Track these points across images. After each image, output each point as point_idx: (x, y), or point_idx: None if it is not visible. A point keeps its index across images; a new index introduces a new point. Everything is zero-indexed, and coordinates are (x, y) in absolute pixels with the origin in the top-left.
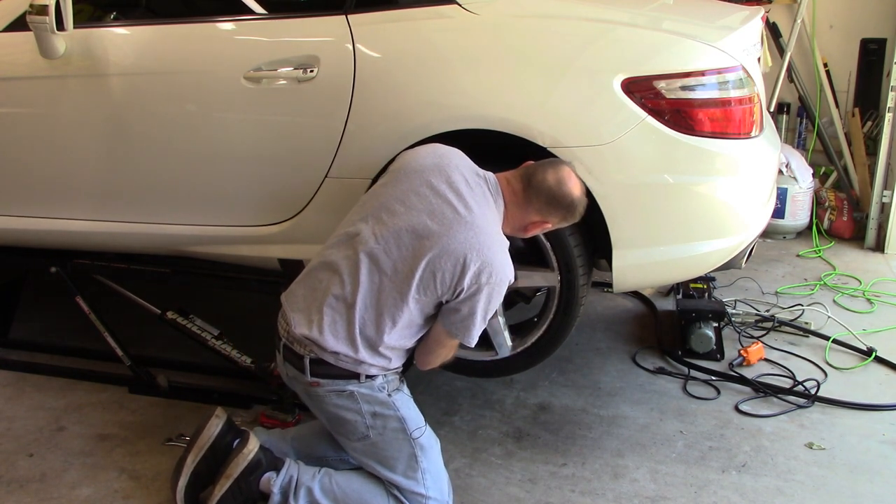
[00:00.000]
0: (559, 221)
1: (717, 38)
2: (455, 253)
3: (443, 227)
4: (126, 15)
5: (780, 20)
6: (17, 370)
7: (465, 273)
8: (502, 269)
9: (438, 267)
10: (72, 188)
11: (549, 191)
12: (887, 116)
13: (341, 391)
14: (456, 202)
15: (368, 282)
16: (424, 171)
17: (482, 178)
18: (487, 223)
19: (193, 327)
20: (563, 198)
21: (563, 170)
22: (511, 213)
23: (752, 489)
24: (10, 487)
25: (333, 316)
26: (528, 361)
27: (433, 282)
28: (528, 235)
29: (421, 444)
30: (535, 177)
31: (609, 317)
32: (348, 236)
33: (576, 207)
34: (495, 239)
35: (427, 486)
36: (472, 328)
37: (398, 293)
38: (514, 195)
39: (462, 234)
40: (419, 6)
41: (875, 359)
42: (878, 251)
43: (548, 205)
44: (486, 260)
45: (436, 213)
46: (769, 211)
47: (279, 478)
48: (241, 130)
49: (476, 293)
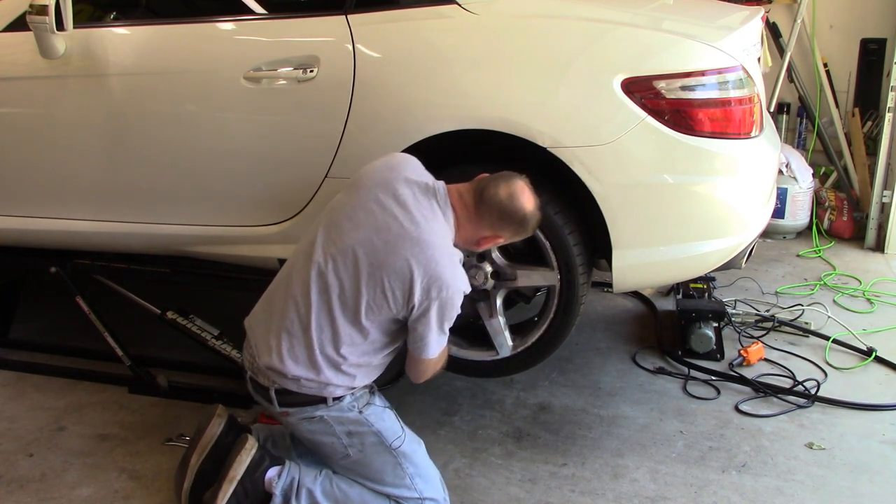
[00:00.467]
0: (511, 236)
1: (717, 38)
2: (402, 270)
3: (389, 243)
4: (126, 15)
5: (780, 20)
6: (17, 370)
7: (414, 289)
8: (453, 283)
9: (387, 286)
10: (72, 188)
11: (500, 205)
12: (887, 116)
13: (311, 417)
14: (402, 217)
15: (320, 301)
16: (373, 185)
17: (432, 189)
18: (435, 237)
19: (193, 327)
20: (515, 213)
21: (515, 184)
22: (463, 227)
23: (752, 489)
24: (10, 487)
25: (291, 341)
26: (529, 361)
27: (385, 301)
28: (481, 249)
29: (403, 452)
30: (487, 191)
31: (609, 317)
32: (304, 254)
33: (528, 222)
34: (443, 252)
35: (420, 489)
36: (429, 344)
37: (351, 313)
38: (466, 209)
39: (408, 250)
40: (419, 6)
41: (875, 359)
42: (878, 251)
43: (500, 219)
44: (433, 274)
45: (381, 228)
46: (769, 211)
47: (280, 480)
48: (241, 130)
49: (428, 308)
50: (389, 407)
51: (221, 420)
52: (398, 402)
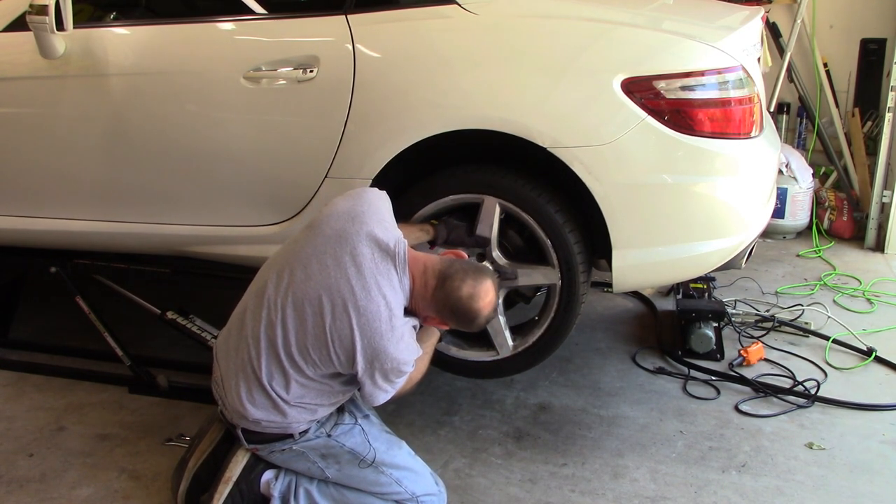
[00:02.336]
0: (456, 327)
1: (717, 38)
2: (346, 337)
3: (337, 307)
4: (126, 15)
5: (780, 20)
6: (17, 370)
7: (356, 358)
8: (396, 356)
9: (332, 348)
10: (72, 188)
11: (457, 302)
12: (887, 116)
13: (282, 450)
14: (355, 281)
15: (269, 350)
16: (333, 235)
17: (392, 253)
18: (383, 308)
19: (193, 327)
20: (468, 314)
21: (482, 286)
22: (416, 303)
23: (752, 489)
24: (10, 487)
25: (248, 384)
26: (529, 361)
27: (330, 360)
28: (425, 324)
29: (381, 462)
30: (451, 282)
31: (609, 317)
32: (257, 294)
33: (478, 323)
34: (389, 325)
35: (410, 489)
36: (378, 398)
37: (299, 365)
38: (425, 287)
39: (354, 319)
40: (419, 6)
41: (875, 359)
42: (878, 251)
43: (452, 314)
44: (377, 348)
45: (333, 289)
46: (769, 211)
47: (278, 482)
48: (241, 130)
49: (372, 375)
50: (356, 421)
51: (222, 426)
52: (398, 403)
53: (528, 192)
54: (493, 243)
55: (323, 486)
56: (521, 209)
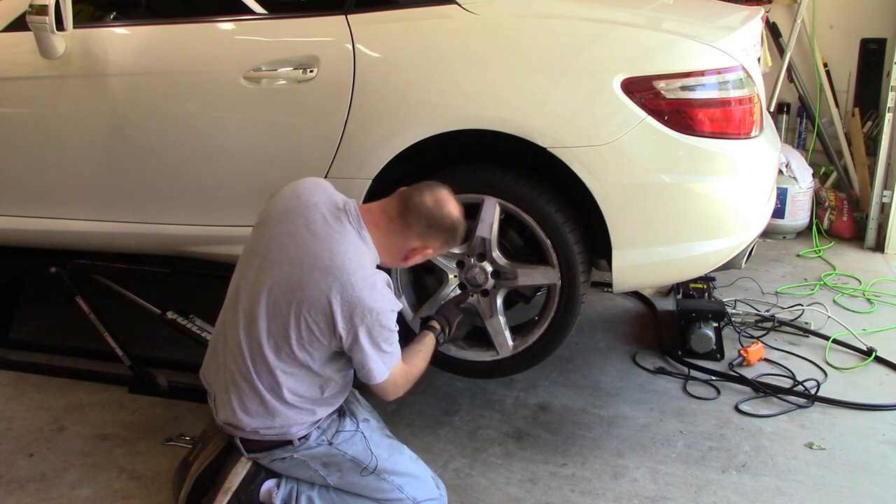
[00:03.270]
0: (440, 247)
1: (717, 38)
2: (320, 302)
3: (304, 276)
4: (126, 15)
5: (780, 20)
6: (17, 370)
7: (336, 319)
8: (374, 305)
9: (311, 320)
10: (72, 188)
11: (428, 213)
12: (887, 116)
13: (283, 458)
14: (314, 246)
15: (251, 349)
16: (281, 217)
17: (343, 209)
18: (349, 261)
19: (193, 327)
20: (444, 219)
21: (440, 192)
22: (389, 242)
23: (752, 489)
24: (10, 487)
25: (239, 393)
26: (529, 361)
27: (313, 336)
28: (409, 265)
29: (383, 469)
30: (413, 200)
31: (609, 317)
32: (231, 305)
33: (456, 229)
34: (360, 276)
35: (412, 495)
36: (372, 370)
37: (286, 354)
38: (391, 222)
39: (323, 281)
40: (419, 6)
41: (875, 359)
42: (878, 251)
43: (428, 228)
44: (352, 301)
45: (294, 261)
46: (769, 211)
47: (280, 490)
48: (241, 130)
49: (357, 336)
50: (357, 428)
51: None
52: (398, 403)
53: (528, 192)
54: (493, 243)
55: (324, 491)
56: (520, 209)
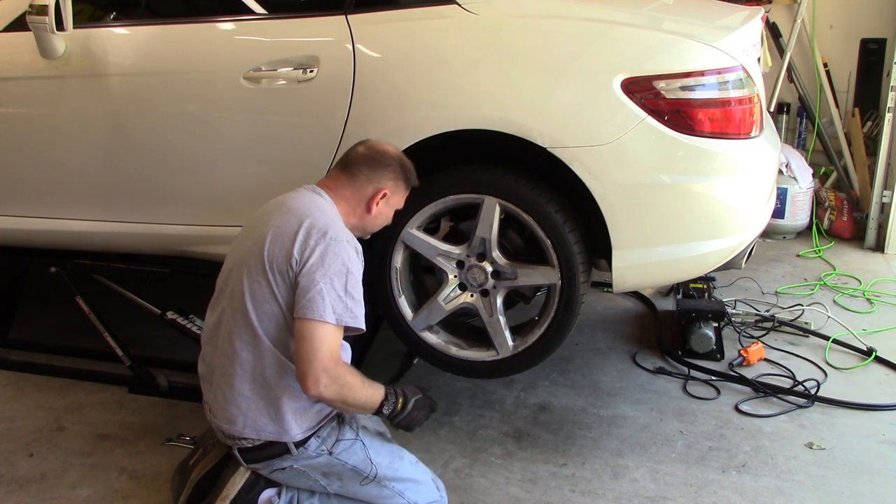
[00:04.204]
0: (394, 186)
1: (717, 38)
2: (286, 235)
3: (275, 231)
4: (126, 15)
5: (780, 20)
6: (17, 370)
7: (295, 242)
8: (333, 228)
9: (277, 269)
10: (72, 188)
11: (366, 156)
12: (887, 116)
13: (282, 468)
14: (287, 214)
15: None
16: (258, 216)
17: (300, 190)
18: (315, 210)
19: (193, 327)
20: (384, 155)
21: (371, 140)
22: (344, 198)
23: (752, 489)
24: (10, 487)
25: (230, 387)
26: (529, 361)
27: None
28: (374, 215)
29: (384, 476)
30: (348, 155)
31: (609, 317)
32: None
33: (401, 163)
34: (321, 212)
35: (413, 499)
36: (314, 300)
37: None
38: (338, 181)
39: (291, 224)
40: (419, 6)
41: (875, 359)
42: (878, 251)
43: (371, 170)
44: (312, 224)
45: (267, 229)
46: (769, 211)
47: (281, 499)
48: (241, 130)
49: (309, 257)
50: (357, 436)
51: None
52: None
53: (528, 192)
54: (493, 243)
55: (325, 499)
56: (520, 209)
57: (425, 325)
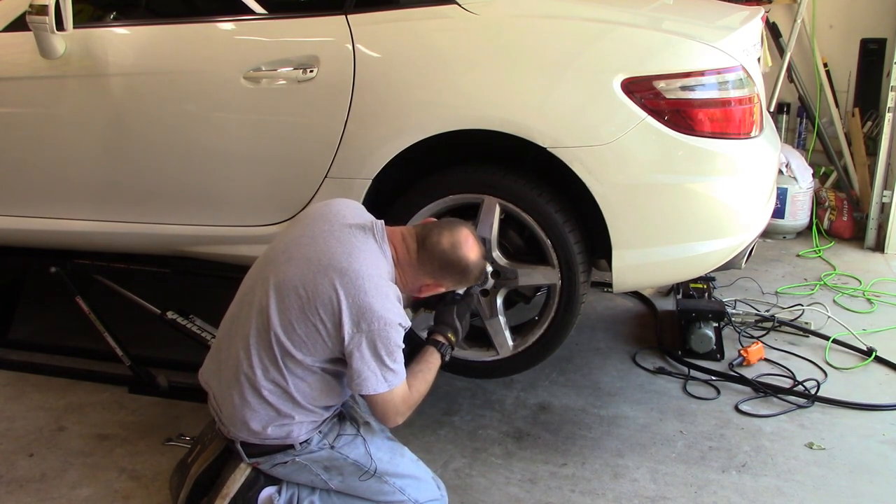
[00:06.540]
0: (453, 285)
1: (717, 38)
2: (330, 300)
3: (319, 274)
4: (126, 15)
5: (780, 20)
6: (17, 370)
7: (343, 321)
8: (383, 314)
9: (318, 318)
10: (72, 188)
11: (442, 255)
12: (887, 116)
13: (284, 462)
14: (335, 248)
15: (259, 345)
16: (308, 222)
17: (369, 227)
18: (366, 267)
19: (193, 327)
20: (457, 263)
21: (459, 233)
22: (405, 272)
23: (752, 489)
24: (10, 487)
25: (242, 392)
26: (529, 361)
27: (318, 335)
28: (423, 297)
29: (385, 471)
30: (430, 238)
31: (609, 317)
32: (243, 302)
33: (470, 272)
34: (374, 283)
35: (413, 496)
36: (367, 379)
37: (291, 352)
38: (408, 254)
39: (337, 280)
40: (419, 6)
41: (875, 359)
42: (878, 251)
43: (441, 269)
44: (362, 305)
45: (312, 260)
46: (769, 211)
47: (282, 496)
48: (241, 130)
49: (360, 342)
50: (358, 431)
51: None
52: None
53: (528, 192)
54: (494, 243)
55: (326, 495)
56: (521, 209)
57: (426, 325)
